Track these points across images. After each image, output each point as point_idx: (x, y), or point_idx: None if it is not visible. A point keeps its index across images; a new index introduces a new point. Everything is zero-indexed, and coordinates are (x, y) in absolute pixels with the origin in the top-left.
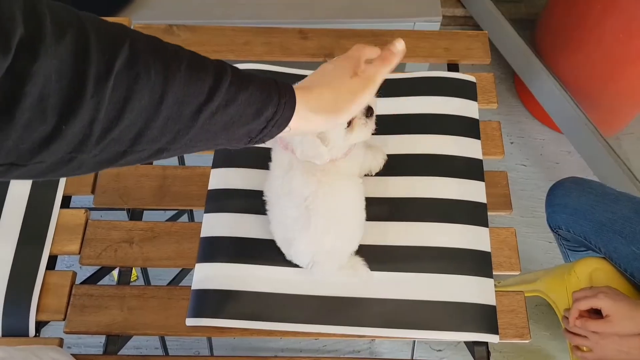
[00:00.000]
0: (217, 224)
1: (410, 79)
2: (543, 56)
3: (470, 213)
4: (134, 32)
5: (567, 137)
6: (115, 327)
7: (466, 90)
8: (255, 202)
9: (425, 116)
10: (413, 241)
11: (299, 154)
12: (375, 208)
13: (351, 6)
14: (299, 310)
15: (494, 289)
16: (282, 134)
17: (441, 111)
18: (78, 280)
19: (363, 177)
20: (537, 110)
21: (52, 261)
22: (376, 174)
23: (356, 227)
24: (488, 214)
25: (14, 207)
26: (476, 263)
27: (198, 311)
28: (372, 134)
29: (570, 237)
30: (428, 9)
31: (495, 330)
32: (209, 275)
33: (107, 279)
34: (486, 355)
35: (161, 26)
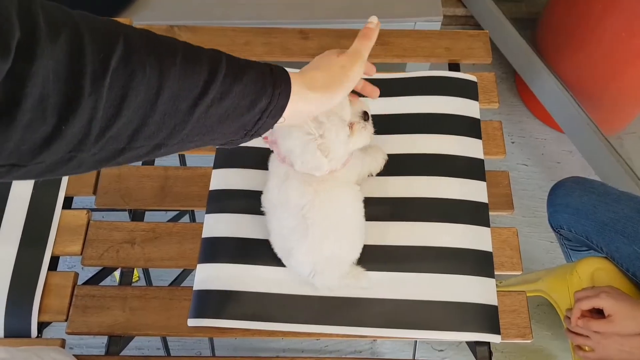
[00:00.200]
0: (219, 225)
1: (411, 79)
2: (544, 55)
3: (471, 213)
4: (127, 28)
5: (569, 137)
6: (117, 328)
7: (467, 89)
8: (256, 203)
9: (426, 116)
10: (414, 241)
11: (299, 166)
12: (376, 208)
13: (351, 6)
14: (301, 310)
15: (496, 289)
16: (277, 125)
17: (442, 111)
18: (80, 281)
19: (363, 178)
20: (539, 109)
21: (54, 262)
22: (377, 174)
23: (355, 235)
24: (489, 214)
25: (16, 208)
26: (478, 263)
27: (200, 312)
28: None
29: (572, 237)
30: (429, 9)
31: (497, 330)
32: (211, 275)
33: (109, 280)
34: (488, 355)
35: (162, 27)
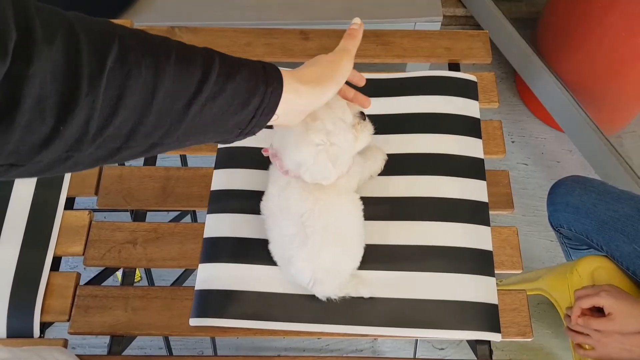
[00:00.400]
0: (220, 225)
1: (411, 79)
2: (544, 55)
3: (472, 212)
4: (122, 28)
5: (569, 136)
6: (119, 328)
7: (467, 89)
8: (257, 203)
9: (426, 115)
10: (415, 240)
11: (308, 178)
12: (376, 208)
13: (352, 7)
14: (302, 310)
15: (496, 288)
16: (271, 122)
17: (442, 110)
18: (82, 281)
19: (364, 181)
20: (538, 109)
21: (56, 262)
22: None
23: (355, 244)
24: (490, 213)
25: (18, 209)
26: (478, 262)
27: (201, 311)
28: (373, 134)
29: (572, 236)
30: (429, 9)
31: (497, 328)
32: (212, 275)
33: (111, 280)
34: (488, 353)
35: (163, 28)
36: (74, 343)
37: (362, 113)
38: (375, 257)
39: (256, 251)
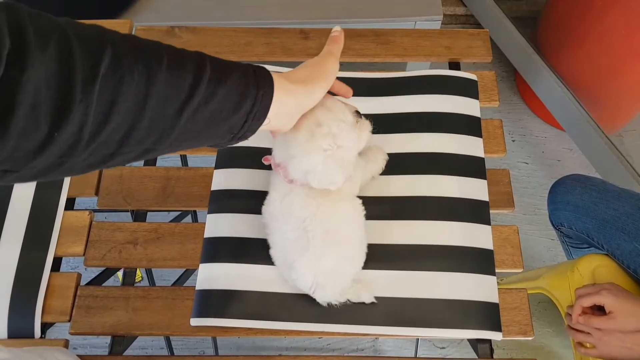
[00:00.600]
0: (221, 225)
1: (411, 78)
2: (544, 54)
3: (472, 211)
4: (114, 34)
5: (569, 135)
6: (120, 328)
7: (468, 88)
8: (258, 203)
9: (426, 115)
10: (415, 240)
11: (317, 184)
12: (377, 207)
13: (352, 6)
14: (303, 309)
15: (497, 287)
16: (263, 126)
17: (443, 109)
18: (83, 281)
19: (366, 182)
20: (539, 107)
21: (57, 263)
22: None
23: (356, 249)
24: (490, 212)
25: (19, 210)
26: (479, 261)
27: (202, 311)
28: (374, 133)
29: (572, 234)
30: (429, 8)
31: (498, 327)
32: (213, 275)
33: (112, 280)
34: (489, 352)
35: (163, 28)
36: (75, 343)
37: (357, 111)
38: (376, 257)
39: (257, 251)
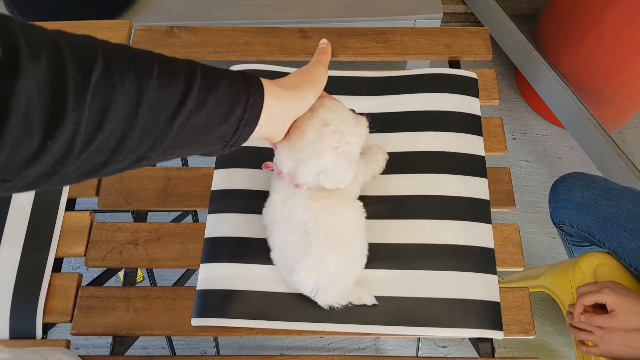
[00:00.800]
0: (221, 225)
1: (411, 76)
2: (545, 51)
3: (473, 210)
4: (104, 43)
5: (570, 132)
6: (121, 328)
7: (468, 86)
8: (258, 202)
9: (426, 113)
10: (416, 239)
11: (329, 184)
12: (377, 206)
13: (352, 5)
14: (304, 309)
15: (498, 286)
16: (255, 134)
17: (443, 108)
18: (84, 282)
19: (367, 183)
20: (539, 105)
21: (58, 264)
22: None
23: (358, 251)
24: (491, 211)
25: (19, 211)
26: (480, 260)
27: (203, 311)
28: (373, 132)
29: (574, 233)
30: (429, 6)
31: (499, 326)
32: (214, 275)
33: (114, 281)
34: (491, 351)
35: (162, 28)
36: (77, 343)
37: (352, 110)
38: (376, 256)
39: (258, 251)
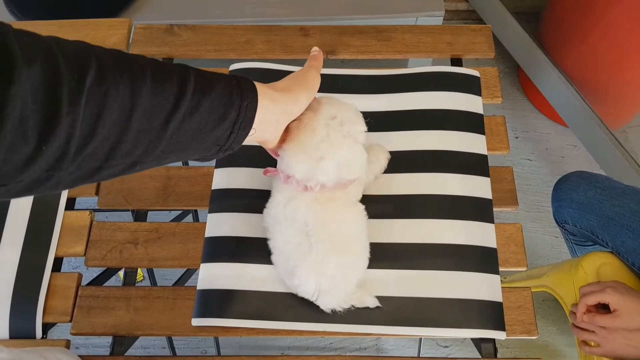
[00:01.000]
0: (222, 224)
1: (413, 75)
2: (547, 49)
3: (475, 209)
4: (97, 48)
5: (573, 131)
6: (121, 328)
7: (470, 85)
8: (259, 202)
9: (428, 112)
10: (418, 238)
11: (352, 173)
12: (379, 206)
13: (353, 3)
14: (305, 309)
15: (501, 285)
16: (249, 138)
17: (445, 106)
18: (84, 281)
19: (369, 183)
20: (542, 104)
21: (58, 263)
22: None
23: (360, 253)
24: (494, 210)
25: (19, 210)
26: (482, 260)
27: (204, 311)
28: (374, 131)
29: (577, 232)
30: (430, 4)
31: (502, 326)
32: (214, 275)
33: (114, 280)
34: (493, 351)
35: (162, 26)
36: (77, 343)
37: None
38: (378, 256)
39: (258, 250)
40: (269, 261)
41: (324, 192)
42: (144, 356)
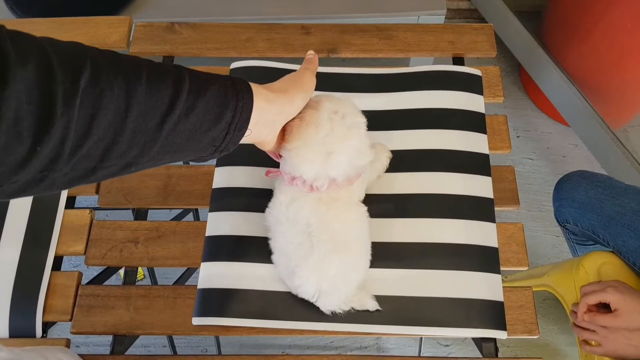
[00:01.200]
0: (222, 223)
1: (414, 73)
2: (549, 48)
3: (477, 208)
4: (92, 49)
5: (574, 130)
6: (121, 327)
7: (472, 84)
8: (260, 201)
9: (430, 111)
10: (419, 238)
11: (363, 161)
12: (380, 205)
13: (354, 1)
14: (306, 308)
15: (502, 285)
16: (245, 139)
17: (446, 106)
18: (84, 280)
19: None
20: (544, 103)
21: (58, 262)
22: None
23: (361, 255)
24: (495, 209)
25: (19, 209)
26: (483, 259)
27: (204, 310)
28: (375, 130)
29: (578, 231)
30: (432, 2)
31: (503, 326)
32: (215, 274)
33: (115, 279)
34: (494, 351)
35: (162, 24)
36: (78, 341)
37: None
38: (379, 255)
39: (259, 249)
40: (270, 260)
41: (329, 192)
42: (145, 355)
